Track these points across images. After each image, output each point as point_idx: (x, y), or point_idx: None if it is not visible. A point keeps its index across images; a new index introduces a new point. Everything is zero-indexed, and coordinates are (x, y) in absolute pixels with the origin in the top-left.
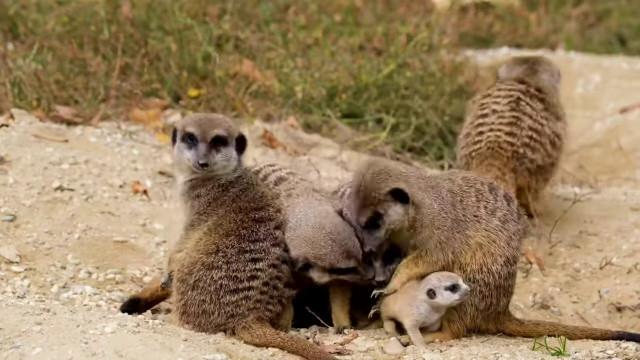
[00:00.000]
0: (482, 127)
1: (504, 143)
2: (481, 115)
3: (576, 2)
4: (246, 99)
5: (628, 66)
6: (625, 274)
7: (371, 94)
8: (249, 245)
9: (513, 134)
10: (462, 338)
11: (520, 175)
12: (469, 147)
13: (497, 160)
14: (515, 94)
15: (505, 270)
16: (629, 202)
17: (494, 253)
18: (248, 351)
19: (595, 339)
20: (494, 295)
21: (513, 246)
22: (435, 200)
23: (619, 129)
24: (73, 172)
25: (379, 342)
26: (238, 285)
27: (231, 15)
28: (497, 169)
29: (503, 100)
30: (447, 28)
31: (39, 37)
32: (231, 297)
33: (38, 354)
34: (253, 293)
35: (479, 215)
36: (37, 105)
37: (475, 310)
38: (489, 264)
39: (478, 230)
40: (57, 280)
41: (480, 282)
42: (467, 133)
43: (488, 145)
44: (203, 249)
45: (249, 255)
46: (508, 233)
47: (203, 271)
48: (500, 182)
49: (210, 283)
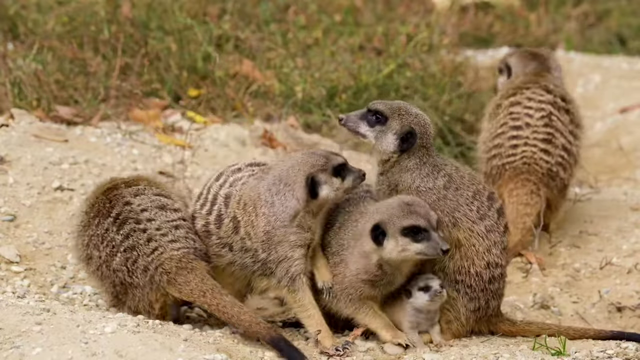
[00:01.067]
0: (517, 140)
1: (540, 160)
2: (514, 127)
3: (576, 2)
4: (246, 99)
5: (628, 66)
6: (625, 274)
7: (371, 94)
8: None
9: (548, 152)
10: (462, 338)
11: (551, 192)
12: (502, 159)
13: (532, 176)
14: (547, 108)
15: (487, 274)
16: (629, 202)
17: (472, 257)
18: (248, 352)
19: (589, 338)
20: (481, 298)
21: (494, 254)
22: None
23: (619, 129)
24: (73, 172)
25: (379, 342)
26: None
27: (231, 15)
28: (533, 184)
29: (536, 113)
30: (447, 28)
31: (39, 37)
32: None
33: (38, 354)
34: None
35: (468, 213)
36: (37, 105)
37: (466, 311)
38: (467, 266)
39: (461, 227)
40: (57, 280)
41: (462, 284)
42: (499, 144)
43: (524, 161)
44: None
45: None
46: (489, 242)
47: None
48: (534, 197)
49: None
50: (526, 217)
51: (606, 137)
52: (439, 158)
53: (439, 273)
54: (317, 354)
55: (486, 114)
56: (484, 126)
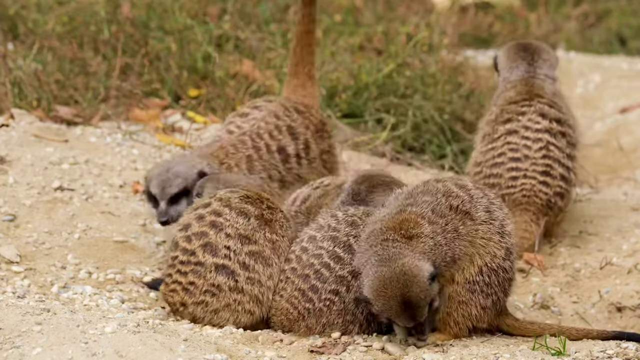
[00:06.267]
0: (516, 172)
1: (540, 192)
2: (513, 159)
3: (576, 2)
4: (246, 99)
5: (628, 66)
6: (626, 274)
7: (371, 93)
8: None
9: (547, 184)
10: (462, 338)
11: (549, 219)
12: (501, 189)
13: (532, 207)
14: (544, 138)
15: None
16: (629, 202)
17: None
18: (248, 352)
19: (591, 339)
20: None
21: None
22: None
23: (619, 129)
24: (73, 172)
25: (379, 342)
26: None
27: (231, 15)
28: (532, 214)
29: (534, 145)
30: (447, 28)
31: (39, 37)
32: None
33: (38, 354)
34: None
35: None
36: (37, 105)
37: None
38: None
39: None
40: (57, 280)
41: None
42: (498, 173)
43: (523, 193)
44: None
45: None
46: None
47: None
48: (532, 224)
49: None
50: (524, 240)
51: (606, 137)
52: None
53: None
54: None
55: (479, 130)
56: (477, 144)
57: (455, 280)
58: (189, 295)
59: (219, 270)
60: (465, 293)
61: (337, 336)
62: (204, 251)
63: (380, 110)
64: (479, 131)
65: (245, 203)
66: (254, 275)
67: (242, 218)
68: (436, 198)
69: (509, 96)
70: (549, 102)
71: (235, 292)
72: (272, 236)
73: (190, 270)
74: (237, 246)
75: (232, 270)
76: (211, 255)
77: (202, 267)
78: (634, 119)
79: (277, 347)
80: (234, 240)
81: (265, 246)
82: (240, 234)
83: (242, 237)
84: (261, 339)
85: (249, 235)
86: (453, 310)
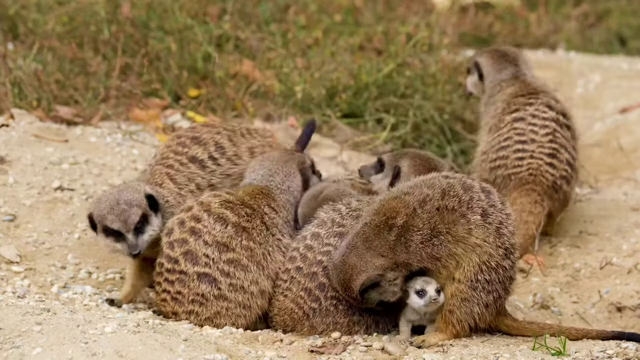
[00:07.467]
0: (523, 153)
1: (546, 172)
2: (520, 142)
3: (576, 2)
4: (246, 99)
5: (628, 66)
6: (626, 274)
7: (371, 93)
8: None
9: (553, 165)
10: (462, 338)
11: (553, 204)
12: (507, 169)
13: (538, 186)
14: (551, 125)
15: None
16: (629, 202)
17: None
18: (248, 352)
19: (591, 339)
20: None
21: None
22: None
23: (619, 129)
24: (73, 172)
25: (379, 342)
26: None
27: (231, 15)
28: (537, 194)
29: (540, 130)
30: (447, 28)
31: (39, 37)
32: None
33: (38, 354)
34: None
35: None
36: (37, 105)
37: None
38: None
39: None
40: (57, 280)
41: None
42: (504, 155)
43: (530, 172)
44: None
45: None
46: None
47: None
48: (537, 206)
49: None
50: (529, 224)
51: (606, 137)
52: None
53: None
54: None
55: (484, 126)
56: (482, 138)
57: (456, 279)
58: (178, 304)
59: (202, 278)
60: (467, 290)
61: (337, 336)
62: (185, 259)
63: (380, 110)
64: (481, 129)
65: (225, 208)
66: (236, 282)
67: (219, 225)
68: (433, 193)
69: (513, 90)
70: (554, 97)
71: (220, 300)
72: (249, 243)
73: (176, 279)
74: (215, 254)
75: (214, 278)
76: (192, 264)
77: (185, 276)
78: (634, 119)
79: (277, 347)
80: (212, 248)
81: (242, 254)
82: (217, 242)
83: (219, 245)
84: (261, 339)
85: (226, 242)
86: (456, 308)
